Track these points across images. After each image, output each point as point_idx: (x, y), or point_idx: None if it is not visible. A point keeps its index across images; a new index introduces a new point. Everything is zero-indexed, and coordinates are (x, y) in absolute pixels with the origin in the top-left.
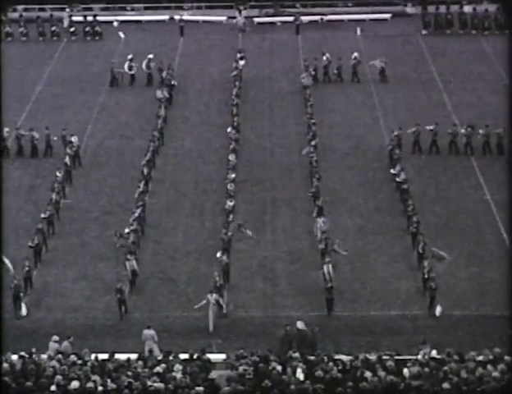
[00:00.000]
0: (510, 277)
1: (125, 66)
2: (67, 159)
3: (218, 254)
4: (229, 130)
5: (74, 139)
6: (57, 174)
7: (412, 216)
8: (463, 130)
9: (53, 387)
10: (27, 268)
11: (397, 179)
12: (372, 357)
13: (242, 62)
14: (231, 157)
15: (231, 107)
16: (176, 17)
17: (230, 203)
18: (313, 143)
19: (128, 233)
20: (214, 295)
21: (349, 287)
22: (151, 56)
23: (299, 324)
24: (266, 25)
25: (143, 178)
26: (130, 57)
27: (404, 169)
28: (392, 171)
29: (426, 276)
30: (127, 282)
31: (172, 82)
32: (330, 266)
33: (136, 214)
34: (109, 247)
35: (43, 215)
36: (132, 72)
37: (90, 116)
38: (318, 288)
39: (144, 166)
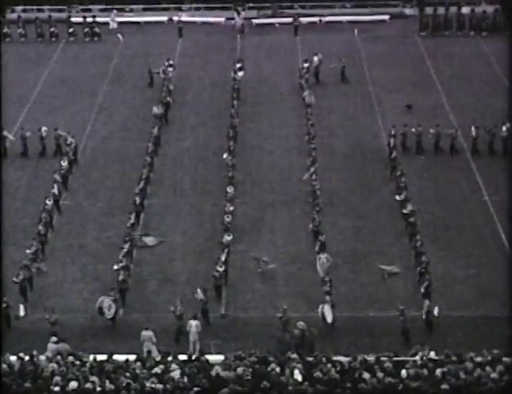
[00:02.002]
0: (509, 278)
1: (161, 69)
2: (55, 188)
3: (198, 291)
4: (225, 156)
5: (63, 162)
6: (47, 202)
7: (421, 254)
8: (431, 130)
9: (52, 388)
10: (4, 305)
11: (404, 211)
12: (371, 358)
13: (241, 74)
14: (229, 188)
15: (228, 129)
16: (175, 18)
17: (227, 238)
18: (312, 169)
19: (117, 269)
20: (196, 322)
21: (348, 288)
22: (170, 62)
23: (301, 325)
24: (264, 27)
25: (134, 209)
26: (168, 62)
27: (410, 200)
28: (397, 197)
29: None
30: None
31: (168, 99)
32: (326, 306)
33: (125, 250)
34: (108, 248)
35: (28, 250)
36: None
37: (89, 117)
38: (317, 289)
39: (137, 195)
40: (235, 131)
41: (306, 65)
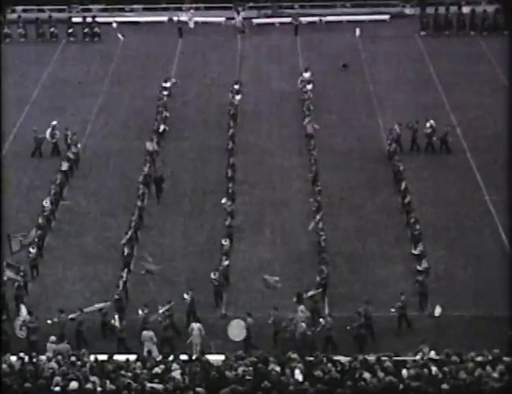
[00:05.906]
0: (509, 278)
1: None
2: (40, 221)
3: (115, 317)
4: (223, 201)
5: (46, 203)
6: (32, 249)
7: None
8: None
9: (52, 388)
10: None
11: (418, 267)
12: (371, 358)
13: (238, 97)
14: (225, 241)
15: (226, 169)
16: (175, 18)
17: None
18: (318, 216)
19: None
20: (198, 325)
21: (348, 288)
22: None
23: (303, 325)
24: (264, 26)
25: (123, 261)
26: (164, 83)
27: (426, 255)
28: (413, 251)
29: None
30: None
31: (162, 128)
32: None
33: (117, 318)
34: (109, 248)
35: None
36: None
37: (89, 117)
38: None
39: (125, 245)
40: (234, 170)
41: (310, 86)
